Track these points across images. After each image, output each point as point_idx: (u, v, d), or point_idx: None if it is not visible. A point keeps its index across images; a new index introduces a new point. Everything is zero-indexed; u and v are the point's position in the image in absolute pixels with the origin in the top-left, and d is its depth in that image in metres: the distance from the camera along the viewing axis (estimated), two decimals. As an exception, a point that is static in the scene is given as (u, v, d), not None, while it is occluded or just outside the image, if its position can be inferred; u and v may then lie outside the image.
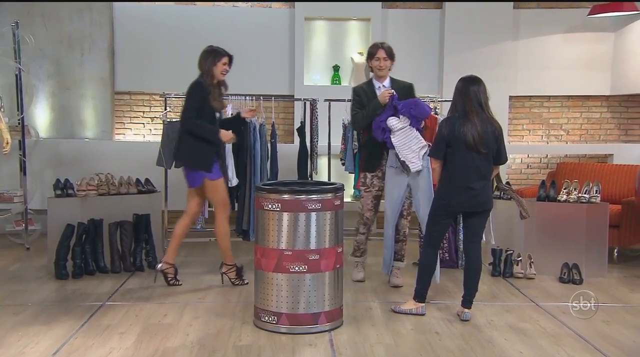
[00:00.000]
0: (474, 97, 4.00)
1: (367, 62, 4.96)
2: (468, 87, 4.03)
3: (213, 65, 4.77)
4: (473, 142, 3.97)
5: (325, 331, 3.85)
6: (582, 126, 7.39)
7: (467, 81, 4.07)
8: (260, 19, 7.05)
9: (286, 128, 7.22)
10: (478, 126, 3.98)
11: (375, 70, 4.92)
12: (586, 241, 5.20)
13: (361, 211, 5.00)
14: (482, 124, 3.99)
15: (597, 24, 6.99)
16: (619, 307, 4.41)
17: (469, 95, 4.01)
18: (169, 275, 4.86)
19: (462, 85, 4.06)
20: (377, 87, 4.92)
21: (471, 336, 3.82)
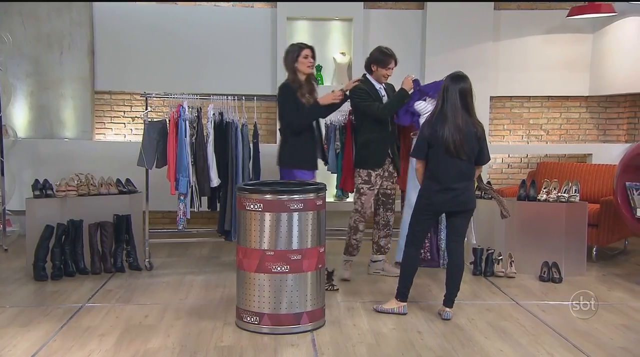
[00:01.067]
0: (459, 98, 4.00)
1: (373, 66, 4.94)
2: (455, 87, 4.03)
3: (294, 61, 4.86)
4: (454, 147, 3.99)
5: (307, 331, 3.85)
6: (561, 126, 7.47)
7: (454, 80, 4.06)
8: (242, 18, 7.03)
9: (269, 128, 7.21)
10: (460, 129, 3.99)
11: (380, 77, 4.97)
12: (565, 239, 5.26)
13: (362, 209, 4.99)
14: (464, 127, 4.00)
15: (576, 26, 7.08)
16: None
17: (454, 96, 4.01)
18: None
19: (449, 85, 4.05)
20: (377, 88, 4.99)
21: (452, 334, 3.85)
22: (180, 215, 5.23)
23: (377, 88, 4.99)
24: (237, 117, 5.38)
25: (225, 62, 7.01)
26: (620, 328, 3.97)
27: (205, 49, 6.97)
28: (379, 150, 4.94)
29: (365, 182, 4.96)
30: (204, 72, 6.95)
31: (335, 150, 5.83)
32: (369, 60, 5.01)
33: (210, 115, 5.29)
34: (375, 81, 5.00)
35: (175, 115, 5.17)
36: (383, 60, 4.93)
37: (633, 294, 4.72)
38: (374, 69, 4.96)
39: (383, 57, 4.94)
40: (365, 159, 4.98)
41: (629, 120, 7.38)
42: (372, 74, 4.98)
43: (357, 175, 5.02)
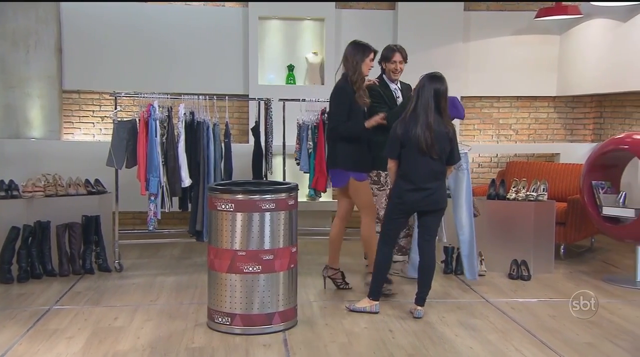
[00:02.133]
0: (432, 98, 4.03)
1: (382, 64, 4.90)
2: (430, 87, 4.05)
3: (362, 61, 4.59)
4: (426, 147, 4.03)
5: (279, 331, 3.85)
6: (530, 126, 7.59)
7: (430, 80, 4.08)
8: (214, 18, 6.99)
9: (241, 128, 7.18)
10: (431, 129, 4.02)
11: (389, 72, 4.90)
12: (534, 238, 5.34)
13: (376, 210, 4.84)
14: (436, 128, 4.03)
15: (544, 27, 7.20)
16: (564, 302, 4.52)
17: (428, 96, 4.03)
18: (337, 280, 4.79)
19: (426, 85, 4.07)
20: (392, 89, 4.92)
21: (423, 332, 3.88)
22: (151, 215, 5.17)
23: (392, 89, 4.92)
24: (209, 116, 5.34)
25: (197, 61, 6.95)
26: (586, 324, 4.05)
27: (176, 48, 6.91)
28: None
29: (374, 182, 4.86)
30: (174, 71, 6.89)
31: (308, 149, 5.82)
32: (379, 61, 4.93)
33: (181, 115, 5.24)
34: (389, 81, 4.93)
35: (145, 115, 5.11)
36: (386, 55, 4.90)
37: (599, 291, 4.81)
38: (383, 67, 4.92)
39: (386, 53, 4.92)
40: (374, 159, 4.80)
41: (595, 120, 7.54)
42: (385, 73, 4.93)
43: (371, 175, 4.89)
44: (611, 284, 5.02)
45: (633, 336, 3.84)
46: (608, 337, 3.80)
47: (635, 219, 5.00)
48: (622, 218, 5.15)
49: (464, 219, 5.06)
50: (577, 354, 3.54)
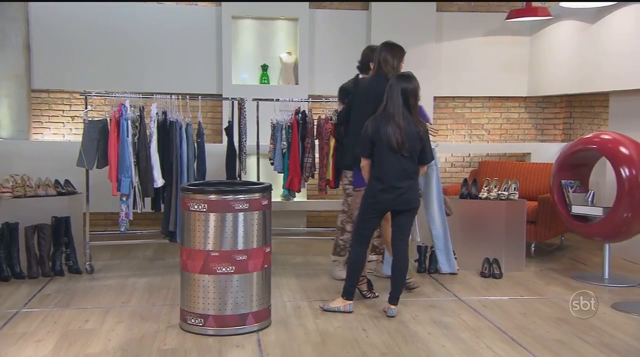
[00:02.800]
0: (402, 97, 4.06)
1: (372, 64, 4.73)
2: (398, 86, 4.07)
3: (399, 65, 4.54)
4: (396, 145, 4.05)
5: (253, 332, 3.83)
6: (501, 126, 7.69)
7: (399, 79, 4.11)
8: (186, 17, 6.93)
9: (214, 127, 7.14)
10: (402, 129, 4.04)
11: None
12: (505, 236, 5.42)
13: (349, 210, 4.91)
14: (406, 127, 4.06)
15: (514, 28, 7.30)
16: (535, 300, 4.63)
17: (397, 95, 4.06)
18: (362, 290, 4.62)
19: (394, 84, 4.10)
20: None
21: (397, 331, 3.90)
22: (123, 216, 5.11)
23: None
24: (182, 116, 5.29)
25: (169, 60, 6.89)
26: (556, 321, 4.12)
27: (149, 47, 6.84)
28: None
29: (351, 183, 4.87)
30: (147, 70, 6.82)
31: (282, 150, 5.82)
32: (366, 60, 4.90)
33: (153, 115, 5.19)
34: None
35: (116, 115, 5.05)
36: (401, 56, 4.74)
37: (569, 288, 4.90)
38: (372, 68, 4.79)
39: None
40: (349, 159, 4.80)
41: (564, 120, 7.67)
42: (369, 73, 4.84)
43: (343, 177, 4.95)
44: (580, 281, 5.11)
45: (600, 332, 3.91)
46: (577, 334, 3.87)
47: (603, 218, 5.09)
48: (591, 216, 5.24)
49: (435, 214, 5.12)
50: (546, 351, 3.59)
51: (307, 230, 6.90)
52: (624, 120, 6.02)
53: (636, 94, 5.69)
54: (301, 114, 5.75)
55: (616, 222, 5.01)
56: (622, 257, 5.75)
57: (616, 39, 5.97)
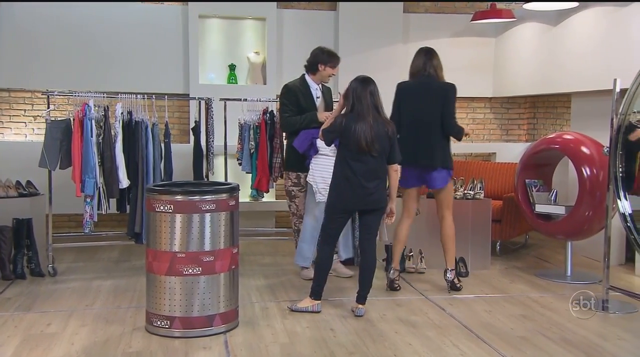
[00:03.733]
0: (370, 99, 4.11)
1: (321, 66, 4.94)
2: (365, 89, 4.13)
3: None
4: (366, 144, 4.07)
5: (220, 333, 3.81)
6: (468, 126, 7.76)
7: (363, 82, 4.16)
8: (152, 15, 6.84)
9: (181, 127, 7.07)
10: (371, 127, 4.08)
11: (325, 77, 5.01)
12: (471, 235, 5.49)
13: (298, 212, 4.98)
14: (376, 127, 4.10)
15: (480, 30, 7.41)
16: (499, 298, 4.70)
17: (366, 98, 4.10)
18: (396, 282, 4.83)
19: (359, 87, 4.14)
20: (313, 89, 5.01)
21: (364, 331, 3.92)
22: (87, 218, 5.02)
23: (314, 89, 5.02)
24: (147, 116, 5.23)
25: (135, 59, 6.80)
26: (519, 318, 4.20)
27: (114, 46, 6.73)
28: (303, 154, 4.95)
29: (294, 184, 4.96)
30: (112, 70, 6.71)
31: (250, 150, 5.79)
32: (315, 60, 5.00)
33: (118, 114, 5.11)
34: (314, 82, 5.03)
35: (80, 114, 4.96)
36: (332, 61, 5.00)
37: (532, 286, 5.00)
38: (320, 69, 4.98)
39: (331, 58, 5.01)
40: (291, 162, 5.02)
41: (528, 120, 7.81)
42: (316, 74, 5.00)
43: (287, 178, 5.02)
44: (543, 278, 5.21)
45: (562, 328, 3.99)
46: (540, 331, 3.94)
47: (565, 216, 5.21)
48: (554, 215, 5.36)
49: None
50: (510, 348, 3.65)
51: (275, 230, 6.88)
52: (585, 120, 6.16)
53: (596, 94, 5.83)
54: (269, 114, 5.74)
55: (578, 220, 5.13)
56: (583, 254, 5.89)
57: (577, 41, 6.11)
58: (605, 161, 4.60)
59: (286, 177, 5.11)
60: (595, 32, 5.85)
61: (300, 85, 5.03)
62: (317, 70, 5.01)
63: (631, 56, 5.07)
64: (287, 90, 5.05)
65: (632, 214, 4.50)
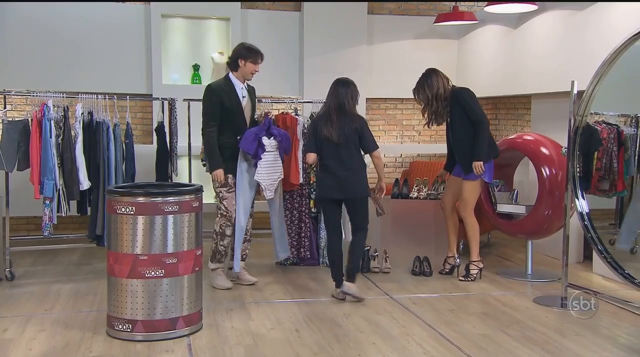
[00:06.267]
0: (339, 97, 4.52)
1: (241, 61, 4.76)
2: (336, 89, 4.56)
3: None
4: (331, 137, 4.46)
5: (183, 336, 3.77)
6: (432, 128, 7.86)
7: (337, 83, 4.60)
8: (114, 14, 6.73)
9: (144, 128, 6.97)
10: (337, 124, 4.47)
11: (246, 73, 4.80)
12: (435, 234, 5.56)
13: (228, 213, 4.83)
14: (341, 122, 4.48)
15: (443, 32, 7.50)
16: (462, 296, 4.77)
17: (335, 96, 4.54)
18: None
19: (332, 87, 4.59)
20: (238, 88, 4.84)
21: (329, 331, 3.93)
22: (46, 220, 4.91)
23: (239, 88, 4.84)
24: (109, 116, 5.14)
25: (96, 59, 6.68)
26: (481, 316, 4.26)
27: (74, 45, 6.60)
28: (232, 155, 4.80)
29: (224, 185, 4.80)
30: (72, 69, 6.58)
31: (214, 151, 5.73)
32: (235, 56, 4.80)
33: (78, 115, 5.02)
34: (238, 80, 4.82)
35: (38, 115, 4.85)
36: (252, 56, 4.79)
37: (494, 284, 5.08)
38: (241, 65, 4.76)
39: (251, 53, 4.79)
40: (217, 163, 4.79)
41: (490, 121, 7.90)
42: (238, 71, 4.81)
43: (215, 179, 4.80)
44: (505, 277, 5.30)
45: (523, 326, 4.07)
46: (501, 328, 4.01)
47: (526, 215, 5.31)
48: (515, 214, 5.46)
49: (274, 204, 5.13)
50: (472, 346, 3.70)
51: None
52: (544, 121, 6.30)
53: (555, 96, 5.96)
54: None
55: (538, 219, 5.24)
56: (544, 253, 6.01)
57: (536, 44, 6.24)
58: (564, 161, 4.71)
59: (212, 178, 4.82)
60: (554, 36, 5.99)
61: (225, 85, 4.81)
62: (238, 67, 4.78)
63: (588, 59, 5.20)
64: (209, 92, 4.78)
65: (589, 213, 4.62)
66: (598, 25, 5.36)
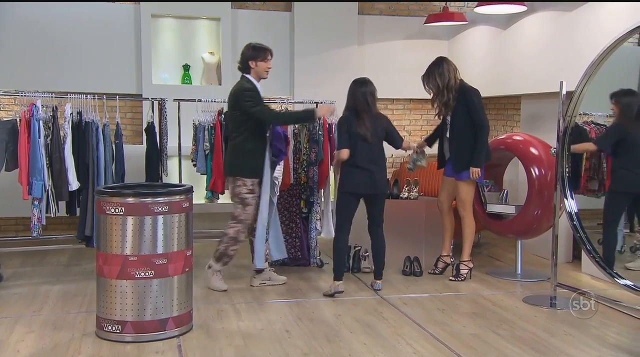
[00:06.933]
0: (365, 96, 4.67)
1: (252, 62, 4.70)
2: (358, 89, 4.71)
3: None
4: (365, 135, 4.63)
5: (173, 337, 3.75)
6: (422, 128, 7.90)
7: (357, 84, 4.74)
8: (104, 14, 6.69)
9: (134, 128, 6.94)
10: (369, 123, 4.65)
11: (261, 73, 4.75)
12: (425, 235, 5.57)
13: (247, 220, 4.76)
14: (372, 120, 4.67)
15: (433, 32, 7.52)
16: (452, 296, 4.78)
17: (361, 95, 4.68)
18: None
19: (352, 88, 4.74)
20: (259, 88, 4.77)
21: (319, 331, 3.93)
22: (35, 221, 4.89)
23: (259, 89, 4.78)
24: (98, 116, 5.12)
25: (86, 59, 6.64)
26: (471, 316, 4.28)
27: (64, 45, 6.56)
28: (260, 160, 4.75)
29: (250, 191, 4.73)
30: (61, 69, 6.54)
31: (205, 151, 5.73)
32: (244, 60, 4.75)
33: (67, 115, 4.99)
34: (255, 80, 4.77)
35: (27, 115, 4.82)
36: (261, 54, 4.75)
37: (484, 284, 5.10)
38: (253, 66, 4.71)
39: (259, 52, 4.76)
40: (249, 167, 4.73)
41: (481, 122, 7.95)
42: (252, 73, 4.75)
43: (242, 185, 4.72)
44: (495, 276, 5.33)
45: (512, 325, 4.09)
46: (491, 328, 4.03)
47: (515, 215, 5.34)
48: (504, 214, 5.48)
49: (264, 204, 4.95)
50: (462, 345, 3.72)
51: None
52: (534, 122, 6.33)
53: (544, 97, 5.99)
54: (224, 115, 5.69)
55: (527, 219, 5.26)
56: (533, 252, 6.04)
57: (526, 45, 6.27)
58: (553, 162, 4.73)
59: (239, 183, 4.71)
60: (543, 36, 6.02)
61: (252, 85, 4.76)
62: (250, 69, 4.73)
63: (576, 59, 5.23)
64: (255, 91, 4.69)
65: (578, 213, 4.65)
66: (587, 26, 5.39)
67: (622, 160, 4.57)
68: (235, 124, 4.80)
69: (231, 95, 4.78)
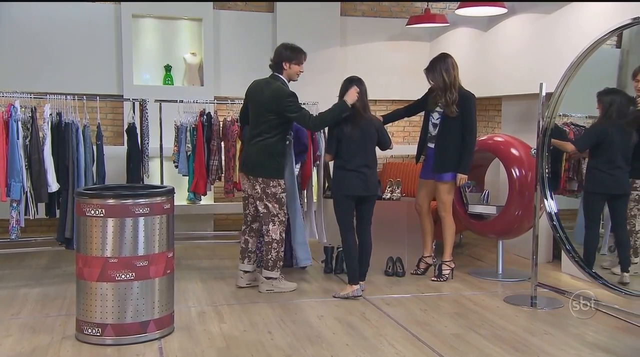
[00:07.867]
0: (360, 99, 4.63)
1: (286, 64, 4.65)
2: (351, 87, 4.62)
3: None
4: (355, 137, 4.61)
5: (154, 339, 3.72)
6: (404, 129, 7.93)
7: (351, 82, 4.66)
8: (84, 14, 6.62)
9: (115, 129, 6.88)
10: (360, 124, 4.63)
11: (292, 75, 4.71)
12: (407, 235, 5.59)
13: (286, 218, 4.80)
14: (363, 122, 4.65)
15: (415, 34, 7.56)
16: (435, 296, 4.81)
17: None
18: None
19: (346, 86, 4.65)
20: None
21: (302, 332, 3.92)
22: (13, 223, 4.81)
23: None
24: (78, 117, 5.06)
25: (65, 59, 6.57)
26: (453, 316, 4.30)
27: (43, 45, 6.49)
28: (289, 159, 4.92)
29: (284, 190, 4.75)
30: (40, 69, 6.47)
31: (187, 152, 5.69)
32: (278, 59, 4.69)
33: (46, 116, 4.93)
34: (287, 82, 4.73)
35: (5, 116, 4.75)
36: (296, 57, 4.69)
37: (466, 284, 5.13)
38: (286, 68, 4.66)
39: (295, 54, 4.70)
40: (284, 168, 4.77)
41: (462, 123, 8.00)
42: (283, 74, 4.70)
43: (277, 185, 4.68)
44: (476, 277, 5.36)
45: (493, 325, 4.12)
46: (472, 328, 4.05)
47: (496, 216, 5.38)
48: (486, 215, 5.52)
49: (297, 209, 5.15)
50: (444, 345, 3.74)
51: (214, 233, 6.81)
52: (514, 123, 6.39)
53: (524, 98, 6.04)
54: (206, 116, 5.66)
55: (508, 219, 5.31)
56: (514, 252, 6.09)
57: (506, 46, 6.32)
58: (534, 162, 4.78)
59: (274, 184, 4.68)
60: (523, 38, 6.07)
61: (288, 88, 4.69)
62: (282, 69, 4.68)
63: (556, 61, 5.28)
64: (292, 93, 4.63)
65: (558, 213, 4.70)
66: (566, 28, 5.45)
67: (596, 161, 4.63)
68: (270, 126, 4.63)
69: (269, 97, 4.61)
